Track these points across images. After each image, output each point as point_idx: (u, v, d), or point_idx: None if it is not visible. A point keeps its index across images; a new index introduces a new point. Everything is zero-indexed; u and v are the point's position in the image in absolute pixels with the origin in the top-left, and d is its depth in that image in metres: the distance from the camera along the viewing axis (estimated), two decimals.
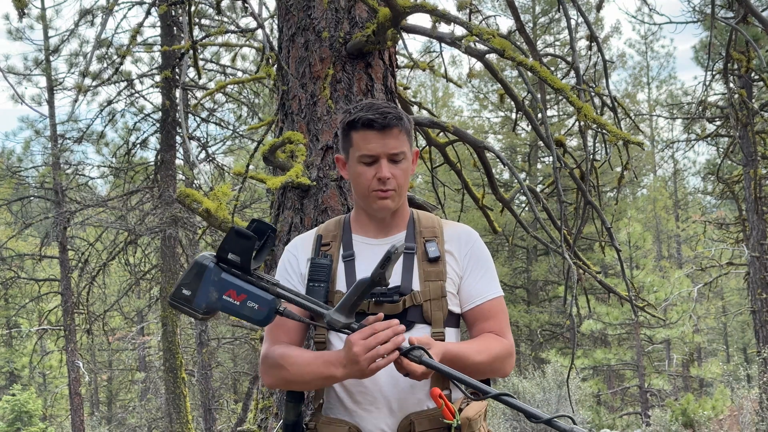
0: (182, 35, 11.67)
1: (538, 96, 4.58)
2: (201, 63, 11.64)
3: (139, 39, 12.35)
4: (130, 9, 12.16)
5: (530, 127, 12.67)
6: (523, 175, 23.29)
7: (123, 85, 12.89)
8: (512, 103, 4.69)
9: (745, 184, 13.25)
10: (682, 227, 27.04)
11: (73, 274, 13.98)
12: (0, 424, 19.90)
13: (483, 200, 5.15)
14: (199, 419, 16.13)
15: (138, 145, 13.37)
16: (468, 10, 4.67)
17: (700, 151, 40.63)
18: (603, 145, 5.06)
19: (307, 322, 1.94)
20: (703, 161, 27.83)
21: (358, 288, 1.84)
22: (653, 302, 12.61)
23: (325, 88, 3.90)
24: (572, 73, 4.91)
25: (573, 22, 4.25)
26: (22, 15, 4.06)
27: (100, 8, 11.98)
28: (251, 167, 3.96)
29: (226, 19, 11.83)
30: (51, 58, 14.00)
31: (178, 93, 11.90)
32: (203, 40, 8.53)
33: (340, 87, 3.94)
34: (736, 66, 11.91)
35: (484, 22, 5.45)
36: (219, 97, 13.17)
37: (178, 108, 11.70)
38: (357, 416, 2.01)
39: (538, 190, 5.24)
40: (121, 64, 10.73)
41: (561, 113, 23.10)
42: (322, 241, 2.13)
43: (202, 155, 13.48)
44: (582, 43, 5.29)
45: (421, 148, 5.15)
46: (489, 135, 25.03)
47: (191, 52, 4.73)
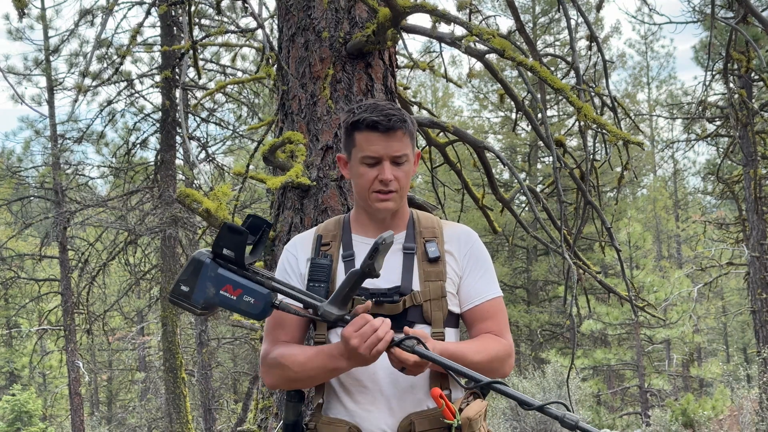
0: (182, 35, 11.67)
1: (538, 96, 4.58)
2: (201, 63, 11.63)
3: (139, 39, 12.35)
4: (130, 9, 12.16)
5: (530, 127, 12.67)
6: (523, 175, 23.29)
7: (123, 85, 12.89)
8: (512, 103, 4.69)
9: (745, 184, 13.25)
10: (682, 227, 27.04)
11: (73, 274, 13.97)
12: (0, 424, 19.90)
13: (483, 200, 5.15)
14: (199, 419, 16.13)
15: (138, 145, 13.37)
16: (468, 10, 4.68)
17: (700, 151, 40.67)
18: (603, 145, 5.06)
19: (302, 315, 1.95)
20: (703, 161, 27.86)
21: (349, 280, 1.85)
22: (653, 302, 12.61)
23: (325, 88, 3.90)
24: (572, 73, 4.91)
25: (573, 22, 4.25)
26: (22, 15, 4.06)
27: (100, 8, 11.99)
28: (251, 167, 3.96)
29: (226, 19, 11.83)
30: (51, 58, 14.01)
31: (178, 93, 11.90)
32: (203, 40, 8.53)
33: (340, 87, 3.94)
34: (736, 66, 11.90)
35: (484, 22, 5.46)
36: (219, 97, 13.17)
37: (178, 108, 11.69)
38: (357, 416, 2.01)
39: (538, 190, 5.24)
40: (121, 64, 10.73)
41: (561, 113, 23.09)
42: (322, 240, 2.12)
43: (202, 155, 13.48)
44: (582, 43, 5.29)
45: (421, 148, 5.15)
46: (489, 135, 25.03)
47: (191, 52, 4.73)
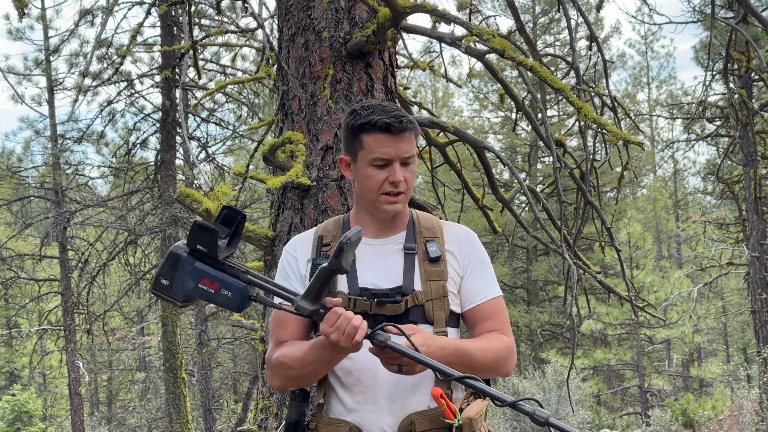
0: (182, 35, 11.67)
1: (538, 96, 4.58)
2: (201, 63, 11.63)
3: (139, 39, 12.35)
4: (130, 9, 12.16)
5: (530, 127, 12.67)
6: (523, 175, 23.29)
7: (123, 85, 12.89)
8: (512, 103, 4.69)
9: (745, 184, 13.25)
10: (682, 227, 27.03)
11: (73, 274, 13.97)
12: (0, 424, 19.90)
13: (483, 200, 5.15)
14: (199, 419, 16.12)
15: (138, 145, 13.37)
16: (468, 10, 4.67)
17: (700, 151, 40.63)
18: (603, 145, 5.06)
19: (278, 307, 1.95)
20: (703, 161, 27.85)
21: (319, 276, 1.87)
22: (653, 302, 12.61)
23: (325, 88, 3.90)
24: (572, 73, 4.91)
25: (573, 22, 4.25)
26: (22, 15, 4.06)
27: (100, 8, 11.98)
28: (251, 167, 3.96)
29: (226, 19, 11.83)
30: (51, 58, 14.00)
31: (178, 93, 11.90)
32: (203, 40, 8.53)
33: (340, 87, 3.94)
34: (736, 66, 11.90)
35: (484, 22, 5.46)
36: (219, 97, 13.17)
37: (178, 108, 11.69)
38: (358, 416, 2.01)
39: (538, 190, 5.24)
40: (121, 64, 10.72)
41: (561, 113, 23.09)
42: (323, 241, 2.12)
43: (202, 155, 13.48)
44: (582, 43, 5.29)
45: (421, 148, 5.15)
46: (489, 135, 25.03)
47: (191, 52, 4.73)
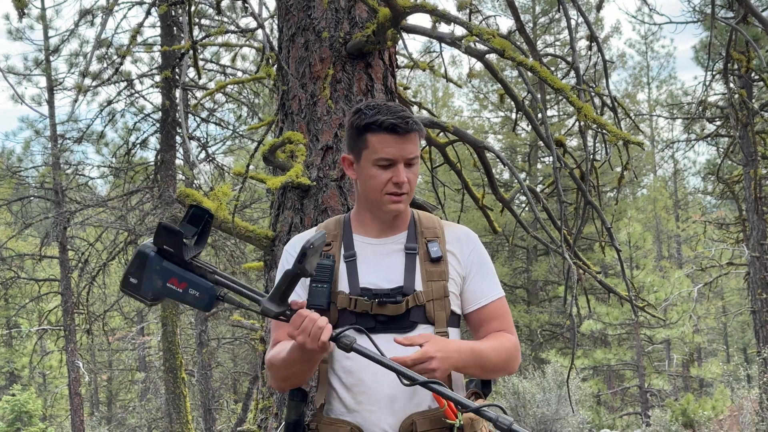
0: (182, 35, 11.67)
1: (538, 96, 4.58)
2: (201, 63, 11.63)
3: (139, 39, 12.35)
4: (130, 9, 12.16)
5: (530, 127, 12.66)
6: (523, 175, 23.28)
7: (123, 85, 12.89)
8: (512, 103, 4.69)
9: (745, 184, 13.25)
10: (682, 227, 27.03)
11: (73, 274, 13.97)
12: (0, 424, 19.90)
13: (483, 200, 5.15)
14: (199, 419, 16.12)
15: (138, 145, 13.36)
16: (468, 10, 4.67)
17: (700, 151, 40.65)
18: (603, 145, 5.06)
19: (245, 308, 1.95)
20: (703, 161, 27.85)
21: (284, 279, 1.87)
22: (653, 302, 12.61)
23: (325, 88, 3.90)
24: (572, 73, 4.91)
25: (573, 22, 4.25)
26: (22, 15, 4.06)
27: (100, 8, 11.98)
28: (251, 167, 3.96)
29: (226, 19, 11.82)
30: (51, 58, 14.01)
31: (178, 93, 11.89)
32: (203, 40, 8.53)
33: (340, 87, 3.94)
34: (736, 66, 11.90)
35: (484, 22, 5.45)
36: (219, 97, 13.16)
37: (178, 108, 11.69)
38: (359, 416, 2.01)
39: (538, 190, 5.24)
40: (121, 64, 10.72)
41: (561, 113, 23.09)
42: (324, 241, 2.12)
43: (202, 155, 13.47)
44: (582, 43, 5.29)
45: (421, 148, 5.13)
46: (489, 135, 25.02)
47: (191, 52, 4.73)
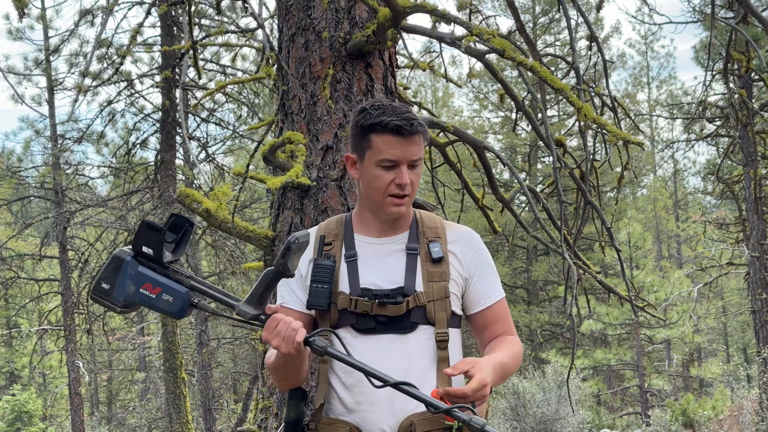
0: (182, 35, 11.67)
1: (538, 96, 4.58)
2: (201, 63, 11.63)
3: (139, 39, 12.35)
4: (130, 9, 12.16)
5: (530, 127, 12.66)
6: (523, 175, 23.28)
7: (123, 85, 12.88)
8: (512, 103, 4.69)
9: (745, 184, 13.25)
10: (682, 227, 27.03)
11: (73, 274, 13.97)
12: (0, 424, 19.90)
13: (483, 200, 5.15)
14: (199, 419, 16.12)
15: (138, 145, 13.36)
16: (468, 10, 4.67)
17: (700, 151, 40.62)
18: (603, 145, 5.06)
19: (219, 314, 1.95)
20: (703, 161, 27.85)
21: (264, 279, 1.86)
22: (653, 302, 12.61)
23: (325, 88, 3.90)
24: (572, 73, 4.91)
25: (573, 22, 4.25)
26: (22, 15, 4.06)
27: (100, 8, 11.98)
28: (251, 167, 3.96)
29: (226, 19, 11.82)
30: (51, 58, 14.01)
31: (178, 93, 11.89)
32: (203, 40, 8.53)
33: (340, 87, 3.94)
34: (736, 66, 11.90)
35: (484, 22, 5.45)
36: (219, 97, 13.16)
37: (178, 108, 11.69)
38: (358, 416, 2.01)
39: (538, 190, 5.24)
40: (121, 64, 10.70)
41: (561, 113, 23.09)
42: (325, 240, 2.11)
43: (202, 155, 13.47)
44: (582, 43, 5.29)
45: None
46: (489, 135, 25.02)
47: (191, 52, 4.73)
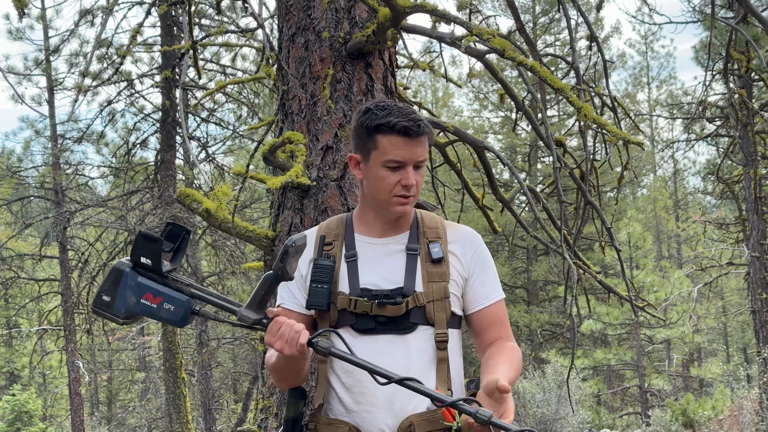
0: (182, 35, 11.67)
1: (538, 96, 4.58)
2: (201, 63, 11.62)
3: (139, 39, 12.35)
4: (130, 9, 12.16)
5: (530, 127, 12.66)
6: (523, 175, 23.27)
7: (123, 85, 12.89)
8: (512, 103, 4.69)
9: (745, 184, 13.25)
10: (682, 227, 27.03)
11: (73, 274, 13.97)
12: (0, 424, 19.90)
13: (483, 200, 5.15)
14: (199, 419, 16.12)
15: (138, 145, 13.36)
16: (468, 10, 4.67)
17: (700, 151, 40.64)
18: (603, 145, 5.06)
19: (221, 320, 1.96)
20: (703, 161, 27.85)
21: (264, 283, 1.86)
22: (653, 302, 12.61)
23: (325, 88, 3.90)
24: (572, 73, 4.90)
25: (573, 22, 4.25)
26: (22, 15, 4.06)
27: (100, 8, 11.98)
28: (251, 167, 3.95)
29: (226, 19, 11.83)
30: (51, 58, 14.01)
31: (178, 93, 11.90)
32: (203, 40, 8.52)
33: (340, 87, 3.94)
34: (736, 66, 11.89)
35: (484, 22, 5.45)
36: (219, 97, 13.15)
37: (178, 108, 11.69)
38: (357, 417, 2.01)
39: (538, 190, 5.24)
40: (121, 64, 10.70)
41: (561, 113, 23.08)
42: (325, 240, 2.11)
43: (202, 155, 13.47)
44: (582, 43, 5.29)
45: None
46: (489, 135, 25.01)
47: (191, 52, 4.73)
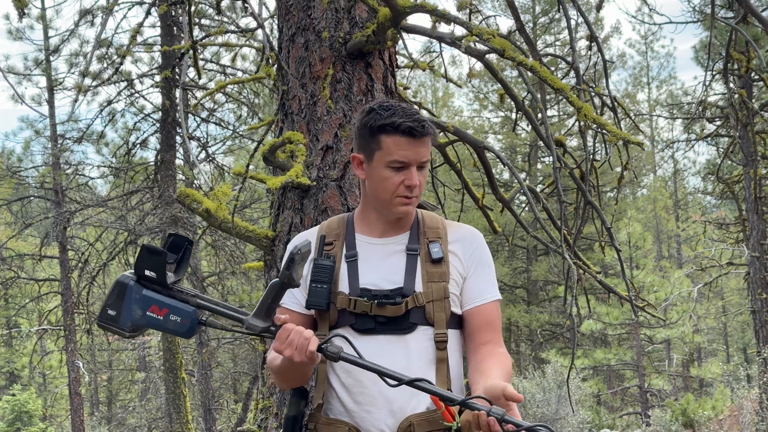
0: (182, 35, 11.67)
1: (538, 96, 4.58)
2: (201, 63, 11.61)
3: (139, 39, 12.35)
4: (130, 9, 12.16)
5: (530, 127, 12.65)
6: (523, 175, 23.27)
7: (123, 85, 12.89)
8: (512, 103, 4.69)
9: (745, 184, 13.25)
10: (682, 227, 27.03)
11: (73, 274, 13.97)
12: (0, 424, 19.90)
13: (483, 200, 5.14)
14: (199, 419, 16.12)
15: (138, 145, 13.36)
16: (468, 10, 4.67)
17: (700, 151, 40.61)
18: (603, 145, 5.05)
19: (229, 329, 1.95)
20: (703, 161, 27.84)
21: (270, 291, 1.85)
22: (653, 302, 12.60)
23: (325, 88, 3.90)
24: (572, 73, 4.90)
25: (573, 22, 4.25)
26: (22, 15, 4.06)
27: (100, 8, 11.99)
28: (251, 167, 3.95)
29: (226, 19, 11.83)
30: (51, 58, 14.01)
31: (178, 93, 11.89)
32: (203, 40, 8.51)
33: (340, 87, 3.94)
34: (736, 66, 11.89)
35: (484, 22, 5.45)
36: (219, 97, 13.15)
37: (178, 108, 11.69)
38: (357, 417, 2.01)
39: (538, 190, 5.24)
40: (121, 64, 10.71)
41: (561, 113, 23.08)
42: (326, 240, 2.11)
43: (202, 155, 13.47)
44: (582, 43, 5.29)
45: None
46: (489, 135, 25.01)
47: (191, 52, 4.73)
